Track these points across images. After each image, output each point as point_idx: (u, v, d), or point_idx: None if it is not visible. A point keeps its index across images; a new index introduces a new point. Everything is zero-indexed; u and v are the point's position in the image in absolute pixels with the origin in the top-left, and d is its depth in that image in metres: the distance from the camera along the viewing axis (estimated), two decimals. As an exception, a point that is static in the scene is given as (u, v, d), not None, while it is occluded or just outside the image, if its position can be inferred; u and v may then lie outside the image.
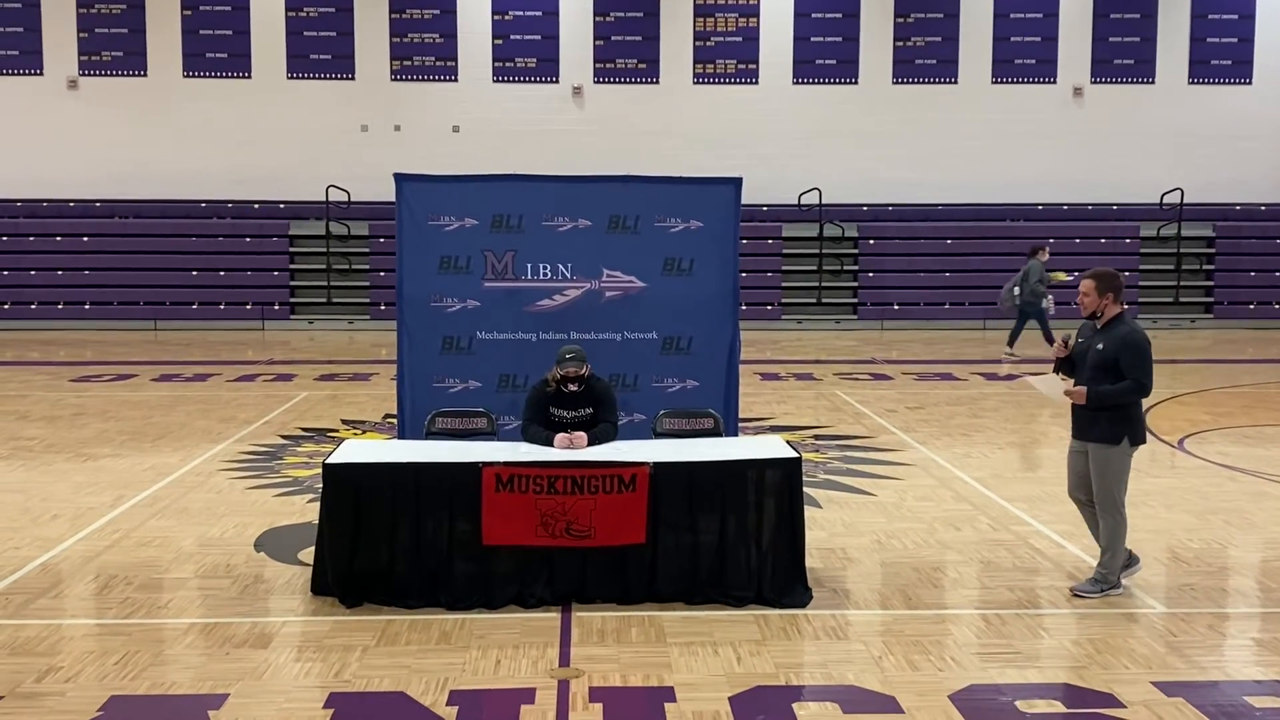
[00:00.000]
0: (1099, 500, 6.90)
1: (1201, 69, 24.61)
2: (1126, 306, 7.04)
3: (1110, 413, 6.81)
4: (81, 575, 7.36)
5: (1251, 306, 23.80)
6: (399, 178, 8.66)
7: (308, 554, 7.31)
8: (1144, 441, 6.98)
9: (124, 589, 7.05)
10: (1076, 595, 6.91)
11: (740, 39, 24.35)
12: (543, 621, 6.49)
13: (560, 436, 7.15)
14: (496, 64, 24.22)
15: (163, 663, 5.95)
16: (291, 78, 24.14)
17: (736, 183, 8.71)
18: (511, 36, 24.16)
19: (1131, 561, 7.10)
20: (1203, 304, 24.13)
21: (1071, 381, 6.96)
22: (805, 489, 7.30)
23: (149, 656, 6.00)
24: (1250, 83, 24.67)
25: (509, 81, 24.23)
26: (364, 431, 12.10)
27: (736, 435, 8.67)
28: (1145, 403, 7.07)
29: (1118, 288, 6.92)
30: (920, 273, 23.78)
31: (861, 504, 9.15)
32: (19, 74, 23.86)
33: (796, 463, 6.95)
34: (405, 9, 24.09)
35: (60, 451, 11.06)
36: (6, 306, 22.92)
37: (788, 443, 7.46)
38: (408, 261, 8.57)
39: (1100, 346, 6.85)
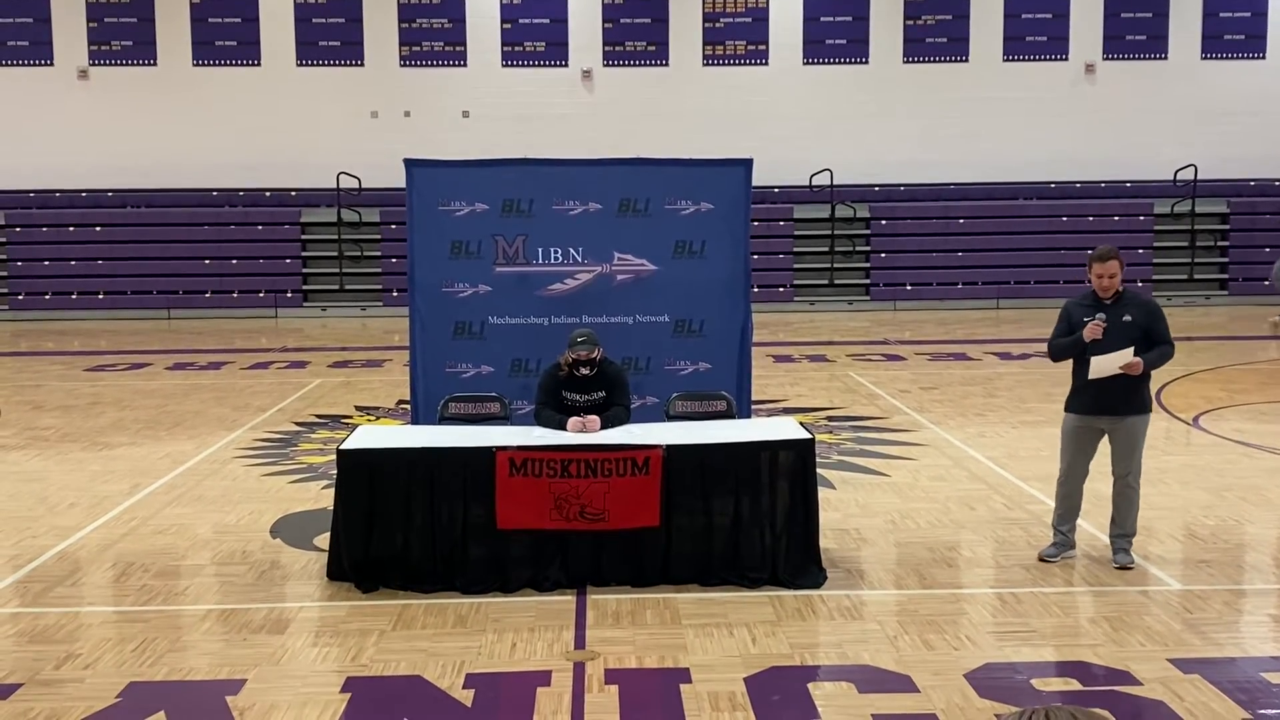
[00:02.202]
0: (1131, 472, 7.01)
1: (1214, 44, 24.43)
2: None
3: (1146, 382, 7.02)
4: (99, 563, 7.40)
5: (1266, 283, 23.66)
6: (409, 163, 8.65)
7: (323, 539, 7.34)
8: None
9: (141, 576, 7.09)
10: (1127, 569, 6.97)
11: (750, 20, 24.25)
12: (558, 604, 6.51)
13: (573, 420, 7.15)
14: (505, 48, 24.16)
15: (180, 649, 5.99)
16: (301, 65, 24.12)
17: (747, 164, 8.69)
18: (520, 20, 24.10)
19: (1074, 545, 7.24)
20: (1217, 280, 24.00)
21: (1130, 353, 6.89)
22: (819, 470, 7.29)
23: (167, 643, 6.04)
24: (1264, 57, 24.48)
25: (518, 66, 24.17)
26: (378, 417, 12.13)
27: (749, 417, 8.66)
28: (1159, 378, 7.12)
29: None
30: (933, 253, 23.70)
31: (875, 484, 9.15)
32: (29, 64, 23.88)
33: (810, 444, 6.95)
34: (413, -6, 24.05)
35: (76, 440, 11.11)
36: (20, 297, 23.00)
37: (801, 424, 7.46)
38: (419, 247, 8.57)
39: (1128, 319, 6.97)
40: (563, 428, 7.13)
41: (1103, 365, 6.91)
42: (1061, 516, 7.24)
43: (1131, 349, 6.85)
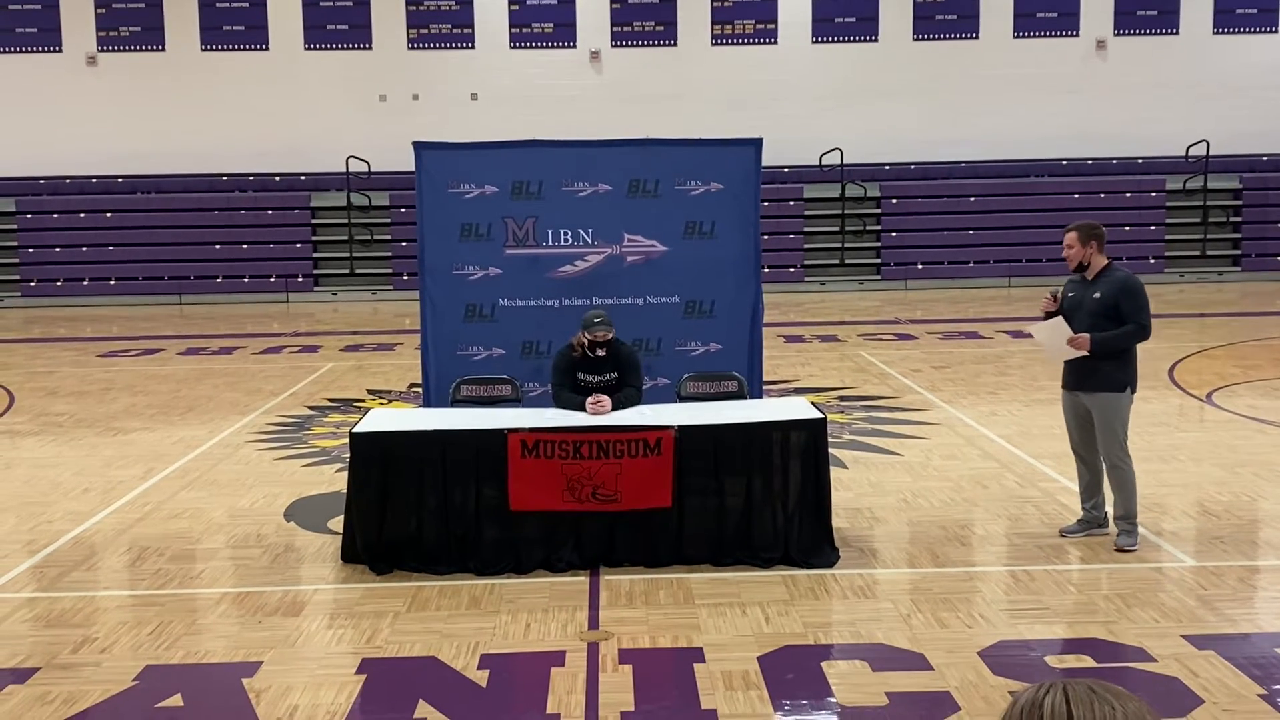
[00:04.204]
0: (1106, 451, 6.94)
1: (1226, 18, 24.26)
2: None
3: (1113, 361, 6.89)
4: (114, 547, 7.43)
5: (1279, 258, 23.56)
6: (418, 146, 8.64)
7: (337, 523, 7.36)
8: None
9: (156, 560, 7.12)
10: (1123, 550, 6.90)
11: (758, -1, 24.14)
12: (571, 585, 6.53)
13: (587, 401, 7.16)
14: (513, 30, 24.10)
15: (196, 632, 6.02)
16: (309, 49, 24.10)
17: (757, 144, 8.66)
18: (528, 2, 24.02)
19: (1104, 522, 7.19)
20: (1230, 256, 23.88)
21: (1060, 322, 6.92)
22: (831, 450, 7.29)
23: (182, 626, 6.07)
24: (1276, 31, 24.30)
25: (526, 47, 24.11)
26: (390, 401, 12.15)
27: (761, 397, 8.66)
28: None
29: (1099, 237, 7.01)
30: (943, 231, 23.62)
31: (887, 464, 9.14)
32: (38, 51, 23.90)
33: (821, 423, 6.94)
34: (421, -23, 23.99)
35: (90, 426, 11.15)
36: (33, 284, 23.07)
37: (812, 404, 7.45)
38: (429, 230, 8.57)
39: (1098, 295, 6.90)
40: (582, 409, 7.13)
41: (1044, 336, 6.99)
42: (1082, 493, 7.25)
43: (1061, 319, 6.87)
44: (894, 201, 23.96)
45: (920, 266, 23.42)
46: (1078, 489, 7.33)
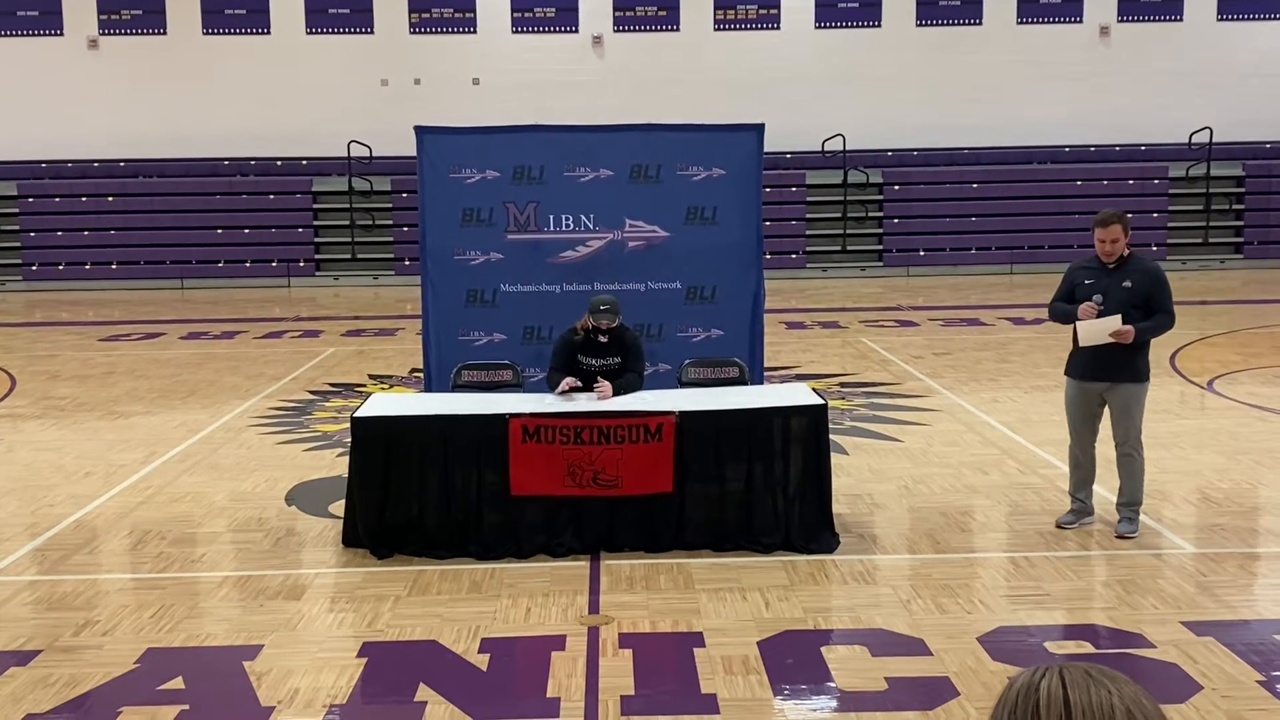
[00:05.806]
0: (1128, 440, 6.90)
1: (1230, 5, 24.16)
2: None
3: (1142, 351, 6.87)
4: (116, 531, 7.45)
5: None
6: (419, 131, 8.64)
7: (338, 507, 7.38)
8: None
9: (158, 544, 7.14)
10: (1124, 537, 6.89)
11: (761, -16, 24.05)
12: (572, 570, 6.54)
13: (567, 380, 7.15)
14: (515, 14, 24.03)
15: (198, 615, 6.04)
16: (311, 33, 24.03)
17: (759, 129, 8.66)
18: (530, -14, 23.94)
19: (1093, 510, 7.21)
20: (1232, 244, 23.84)
21: (1117, 320, 6.79)
22: (832, 436, 7.30)
23: (184, 609, 6.08)
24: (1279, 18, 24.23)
25: (528, 32, 24.05)
26: (391, 386, 12.16)
27: (762, 383, 8.66)
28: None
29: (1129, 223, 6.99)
30: (945, 218, 23.58)
31: (888, 450, 9.15)
32: (39, 34, 23.84)
33: (822, 409, 6.95)
34: (423, -39, 23.89)
35: (92, 410, 11.16)
36: (34, 268, 23.06)
37: (813, 390, 7.45)
38: (430, 215, 8.57)
39: (1128, 284, 6.82)
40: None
41: (1091, 332, 6.82)
42: (1075, 484, 7.22)
43: (1119, 317, 6.71)
44: (896, 188, 23.92)
45: (922, 253, 23.39)
46: (1070, 480, 7.28)
